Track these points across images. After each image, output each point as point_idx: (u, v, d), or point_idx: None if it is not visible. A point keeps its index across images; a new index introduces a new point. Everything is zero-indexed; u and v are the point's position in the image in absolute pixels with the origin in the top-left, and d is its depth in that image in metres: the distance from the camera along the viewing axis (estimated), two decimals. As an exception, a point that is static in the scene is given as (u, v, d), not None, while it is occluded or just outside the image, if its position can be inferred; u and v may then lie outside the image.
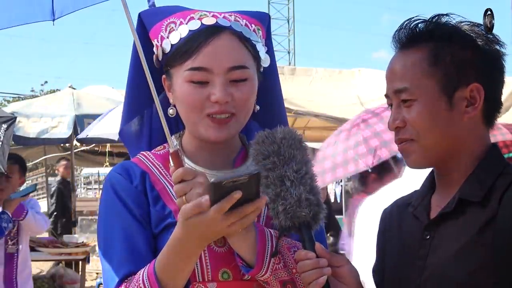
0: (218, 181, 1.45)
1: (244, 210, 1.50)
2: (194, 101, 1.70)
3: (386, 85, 1.69)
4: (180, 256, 1.57)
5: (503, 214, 1.53)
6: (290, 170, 1.61)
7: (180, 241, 1.56)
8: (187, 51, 1.69)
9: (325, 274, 1.58)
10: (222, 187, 1.45)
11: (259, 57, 1.77)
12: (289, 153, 1.63)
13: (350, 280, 1.66)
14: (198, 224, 1.51)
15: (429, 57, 1.63)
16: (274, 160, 1.62)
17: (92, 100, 10.45)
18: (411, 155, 1.66)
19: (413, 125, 1.63)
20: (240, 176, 1.46)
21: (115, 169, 1.80)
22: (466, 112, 1.62)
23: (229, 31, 1.71)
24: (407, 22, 1.69)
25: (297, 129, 1.81)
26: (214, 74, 1.68)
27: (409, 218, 1.74)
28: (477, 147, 1.65)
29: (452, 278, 1.57)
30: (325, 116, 9.54)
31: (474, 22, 1.67)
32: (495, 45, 1.66)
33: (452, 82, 1.62)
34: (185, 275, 1.60)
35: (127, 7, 1.79)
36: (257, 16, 1.83)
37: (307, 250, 1.61)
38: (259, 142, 1.65)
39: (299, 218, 1.60)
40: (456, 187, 1.64)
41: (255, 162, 1.65)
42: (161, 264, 1.58)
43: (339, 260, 1.66)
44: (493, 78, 1.66)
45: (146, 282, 1.58)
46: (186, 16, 1.75)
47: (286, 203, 1.59)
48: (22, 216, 5.43)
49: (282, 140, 1.64)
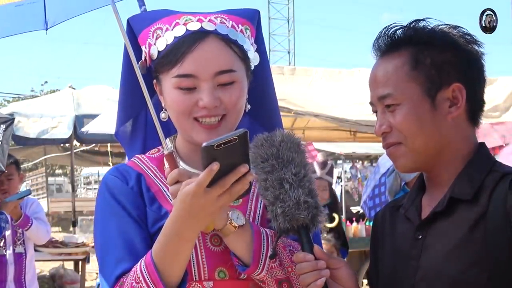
0: (209, 144, 1.44)
1: (225, 180, 1.47)
2: (183, 107, 1.70)
3: (370, 93, 1.72)
4: (176, 238, 1.55)
5: (494, 210, 1.56)
6: (289, 173, 1.61)
7: (174, 223, 1.54)
8: (173, 58, 1.70)
9: (323, 276, 1.59)
10: (213, 150, 1.44)
11: (248, 58, 1.77)
12: (287, 156, 1.63)
13: (348, 283, 1.67)
14: (184, 200, 1.49)
15: (410, 61, 1.65)
16: (273, 163, 1.63)
17: (92, 100, 10.45)
18: (400, 159, 1.69)
19: (399, 129, 1.65)
20: (229, 137, 1.44)
21: (110, 172, 1.81)
22: (450, 113, 1.65)
23: (214, 35, 1.71)
24: (385, 29, 1.72)
25: (297, 129, 1.82)
26: (200, 79, 1.69)
27: (401, 220, 1.76)
28: (464, 147, 1.67)
29: (445, 275, 1.58)
30: (325, 116, 9.54)
31: (451, 25, 1.70)
32: (473, 45, 1.68)
33: (434, 84, 1.64)
34: (181, 263, 1.59)
35: (119, 14, 1.79)
36: (245, 14, 1.82)
37: (306, 252, 1.62)
38: (257, 145, 1.66)
39: (297, 221, 1.60)
40: (446, 187, 1.66)
41: (254, 165, 1.65)
42: (157, 251, 1.58)
43: (337, 262, 1.67)
44: (473, 78, 1.68)
45: (144, 271, 1.57)
46: (171, 21, 1.75)
47: (285, 206, 1.59)
48: (27, 227, 5.50)
49: (281, 143, 1.65)
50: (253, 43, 1.81)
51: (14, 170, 5.70)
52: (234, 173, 1.46)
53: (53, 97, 12.07)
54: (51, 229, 6.68)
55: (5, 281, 5.42)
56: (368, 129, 10.13)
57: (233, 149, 1.45)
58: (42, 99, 13.79)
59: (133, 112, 1.92)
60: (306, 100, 9.56)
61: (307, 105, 9.49)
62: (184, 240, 1.56)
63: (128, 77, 1.86)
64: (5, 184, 5.59)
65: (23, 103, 12.82)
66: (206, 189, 1.47)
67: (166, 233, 1.56)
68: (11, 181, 5.63)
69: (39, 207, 5.94)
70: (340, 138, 12.16)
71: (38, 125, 9.79)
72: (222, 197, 1.49)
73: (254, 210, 1.77)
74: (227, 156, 1.45)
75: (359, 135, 11.96)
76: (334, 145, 11.85)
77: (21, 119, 9.67)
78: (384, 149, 1.73)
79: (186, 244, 1.57)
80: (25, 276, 5.57)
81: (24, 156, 17.06)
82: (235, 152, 1.45)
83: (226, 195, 1.48)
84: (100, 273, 1.71)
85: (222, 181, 1.46)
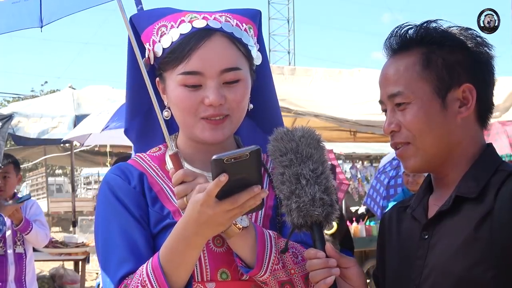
0: (219, 158, 1.43)
1: (238, 198, 1.47)
2: (188, 105, 1.70)
3: (380, 91, 1.72)
4: (184, 244, 1.55)
5: (500, 208, 1.56)
6: (306, 169, 1.61)
7: (183, 230, 1.54)
8: (179, 56, 1.69)
9: (334, 275, 1.59)
10: (223, 164, 1.43)
11: (251, 56, 1.77)
12: (306, 151, 1.63)
13: (357, 282, 1.68)
14: (194, 208, 1.49)
15: (421, 60, 1.66)
16: (291, 157, 1.62)
17: (92, 100, 10.43)
18: (409, 160, 1.69)
19: (408, 128, 1.66)
20: (240, 152, 1.44)
21: (112, 171, 1.79)
22: (459, 113, 1.66)
23: (220, 33, 1.71)
24: (397, 29, 1.73)
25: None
26: (206, 77, 1.68)
27: (407, 220, 1.76)
28: (471, 147, 1.68)
29: (450, 273, 1.58)
30: (325, 116, 9.54)
31: (463, 27, 1.72)
32: (484, 48, 1.70)
33: (444, 84, 1.65)
34: (188, 268, 1.59)
35: (125, 12, 1.79)
36: (248, 14, 1.83)
37: (317, 249, 1.61)
38: (277, 139, 1.65)
39: (311, 217, 1.60)
40: (453, 187, 1.67)
41: (272, 158, 1.65)
42: (165, 255, 1.57)
43: (348, 262, 1.67)
44: (484, 79, 1.69)
45: (151, 274, 1.57)
46: (177, 19, 1.74)
47: (300, 201, 1.59)
48: (27, 232, 5.52)
49: (300, 138, 1.64)
50: (256, 42, 1.81)
51: (12, 169, 5.69)
52: (247, 192, 1.46)
53: (53, 97, 12.04)
54: (51, 229, 6.69)
55: (6, 281, 5.43)
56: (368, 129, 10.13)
57: (244, 165, 1.44)
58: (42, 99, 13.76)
59: (141, 109, 1.90)
60: (306, 100, 9.56)
61: (307, 105, 9.48)
62: (191, 246, 1.56)
63: (135, 75, 1.84)
64: (1, 181, 5.57)
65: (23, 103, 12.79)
66: (217, 201, 1.46)
67: (174, 238, 1.56)
68: (7, 179, 5.62)
69: (39, 209, 5.94)
70: (340, 138, 12.16)
71: (38, 125, 9.77)
72: (233, 211, 1.49)
73: (256, 212, 1.76)
74: (238, 171, 1.44)
75: (359, 135, 11.96)
76: (334, 145, 11.85)
77: (21, 119, 9.65)
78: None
79: (193, 250, 1.57)
80: (26, 276, 5.58)
81: (24, 156, 17.06)
82: (246, 168, 1.45)
83: (237, 209, 1.49)
84: (102, 273, 1.70)
85: (234, 198, 1.46)
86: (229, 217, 1.50)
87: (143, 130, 1.93)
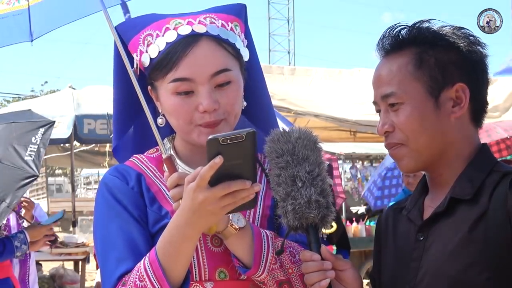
0: (215, 137, 1.41)
1: (230, 185, 1.45)
2: (182, 113, 1.69)
3: (373, 92, 1.72)
4: (178, 235, 1.54)
5: (494, 210, 1.56)
6: (302, 171, 1.60)
7: (177, 220, 1.54)
8: (167, 64, 1.69)
9: (328, 277, 1.59)
10: (219, 145, 1.41)
11: (241, 55, 1.77)
12: (303, 153, 1.62)
13: (353, 285, 1.67)
14: (187, 196, 1.48)
15: (414, 60, 1.66)
16: (287, 159, 1.61)
17: (92, 100, 10.43)
18: (403, 160, 1.69)
19: (401, 129, 1.66)
20: (236, 133, 1.42)
21: (110, 172, 1.79)
22: (453, 112, 1.65)
23: (206, 37, 1.70)
24: (389, 30, 1.72)
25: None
26: (197, 83, 1.68)
27: (403, 222, 1.76)
28: (466, 147, 1.68)
29: (445, 275, 1.58)
30: (325, 116, 9.56)
31: (455, 26, 1.71)
32: (477, 47, 1.69)
33: (437, 84, 1.65)
34: (184, 262, 1.59)
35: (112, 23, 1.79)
36: (232, 10, 1.81)
37: (313, 251, 1.61)
38: (274, 140, 1.65)
39: (307, 219, 1.59)
40: (448, 187, 1.66)
41: (269, 159, 1.65)
42: (161, 248, 1.57)
43: (343, 264, 1.67)
44: (477, 78, 1.68)
45: (148, 268, 1.57)
46: (161, 26, 1.73)
47: (296, 203, 1.58)
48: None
49: (297, 139, 1.63)
50: (243, 39, 1.81)
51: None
52: (240, 183, 1.44)
53: (53, 97, 12.05)
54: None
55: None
56: (368, 129, 10.15)
57: (240, 148, 1.42)
58: (42, 99, 13.76)
59: (130, 122, 1.90)
60: (306, 100, 9.58)
61: (307, 105, 9.50)
62: (186, 238, 1.55)
63: (123, 86, 1.84)
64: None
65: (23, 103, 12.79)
66: (209, 187, 1.45)
67: (170, 230, 1.57)
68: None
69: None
70: (340, 138, 12.17)
71: (38, 125, 9.75)
72: (225, 199, 1.47)
73: (254, 212, 1.77)
74: (233, 154, 1.42)
75: (359, 135, 11.98)
76: (334, 145, 11.85)
77: (21, 119, 9.63)
78: (384, 149, 1.73)
79: (188, 242, 1.57)
80: (29, 276, 5.57)
81: (24, 156, 17.01)
82: (241, 151, 1.42)
83: (229, 197, 1.47)
84: (101, 273, 1.71)
85: (226, 183, 1.44)
86: (221, 206, 1.48)
87: (141, 134, 1.93)
